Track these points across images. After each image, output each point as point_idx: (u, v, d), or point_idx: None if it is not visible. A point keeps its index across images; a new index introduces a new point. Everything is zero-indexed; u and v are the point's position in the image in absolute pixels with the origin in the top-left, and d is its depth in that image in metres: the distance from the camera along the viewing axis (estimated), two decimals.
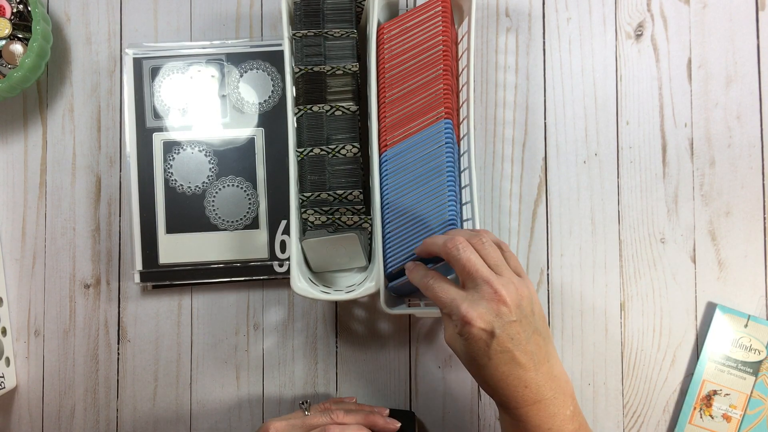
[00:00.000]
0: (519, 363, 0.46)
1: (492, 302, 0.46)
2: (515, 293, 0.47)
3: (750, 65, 0.67)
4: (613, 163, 0.67)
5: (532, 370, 0.47)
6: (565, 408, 0.48)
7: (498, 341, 0.46)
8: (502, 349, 0.46)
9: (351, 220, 0.61)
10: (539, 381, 0.47)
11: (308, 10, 0.61)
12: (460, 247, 0.48)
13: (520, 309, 0.47)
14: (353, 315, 0.67)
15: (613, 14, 0.67)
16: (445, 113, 0.57)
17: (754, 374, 0.63)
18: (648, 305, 0.66)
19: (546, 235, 0.66)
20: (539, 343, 0.48)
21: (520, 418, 0.48)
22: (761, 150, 0.66)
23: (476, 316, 0.46)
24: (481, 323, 0.46)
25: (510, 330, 0.46)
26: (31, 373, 0.67)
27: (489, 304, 0.46)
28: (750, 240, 0.66)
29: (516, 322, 0.46)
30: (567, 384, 0.49)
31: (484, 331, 0.46)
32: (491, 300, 0.46)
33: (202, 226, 0.65)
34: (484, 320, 0.46)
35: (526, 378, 0.47)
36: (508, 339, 0.46)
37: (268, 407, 0.66)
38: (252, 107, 0.66)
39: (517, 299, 0.47)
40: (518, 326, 0.46)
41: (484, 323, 0.46)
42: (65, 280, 0.67)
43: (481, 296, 0.46)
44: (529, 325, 0.47)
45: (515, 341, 0.46)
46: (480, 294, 0.47)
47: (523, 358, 0.46)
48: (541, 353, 0.48)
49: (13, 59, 0.63)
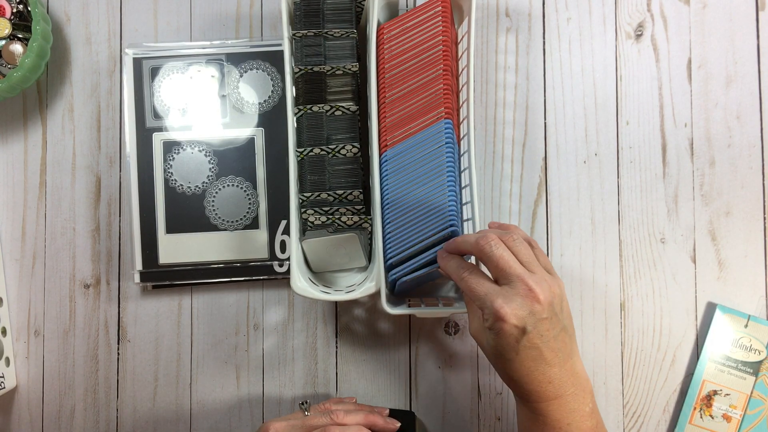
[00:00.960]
0: (545, 359, 0.47)
1: (526, 299, 0.46)
2: (548, 291, 0.47)
3: (750, 65, 0.67)
4: (613, 163, 0.67)
5: (557, 366, 0.48)
6: (585, 405, 0.49)
7: (528, 338, 0.46)
8: (530, 345, 0.47)
9: (351, 220, 0.61)
10: (562, 377, 0.48)
11: (308, 10, 0.61)
12: (492, 244, 0.49)
13: (552, 307, 0.47)
14: (353, 315, 0.67)
15: (613, 14, 0.67)
16: (445, 113, 0.57)
17: (754, 374, 0.63)
18: (648, 305, 0.66)
19: (546, 235, 0.66)
20: (565, 340, 0.48)
21: (540, 412, 0.48)
22: (761, 150, 0.66)
23: (510, 312, 0.46)
24: (515, 320, 0.46)
25: (540, 327, 0.47)
26: (31, 373, 0.67)
27: (523, 301, 0.46)
28: (750, 240, 0.66)
29: (547, 319, 0.47)
30: (587, 381, 0.50)
31: (516, 327, 0.46)
32: (525, 297, 0.46)
33: (202, 226, 0.65)
34: (517, 317, 0.46)
35: (551, 374, 0.47)
36: (538, 336, 0.47)
37: (268, 407, 0.66)
38: (252, 107, 0.66)
39: (550, 297, 0.47)
40: (548, 324, 0.47)
41: (517, 320, 0.46)
42: (65, 280, 0.67)
43: (515, 292, 0.47)
44: (558, 322, 0.48)
45: (544, 338, 0.47)
46: (514, 290, 0.47)
47: (550, 354, 0.47)
48: (566, 350, 0.48)
49: (13, 59, 0.63)
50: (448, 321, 0.66)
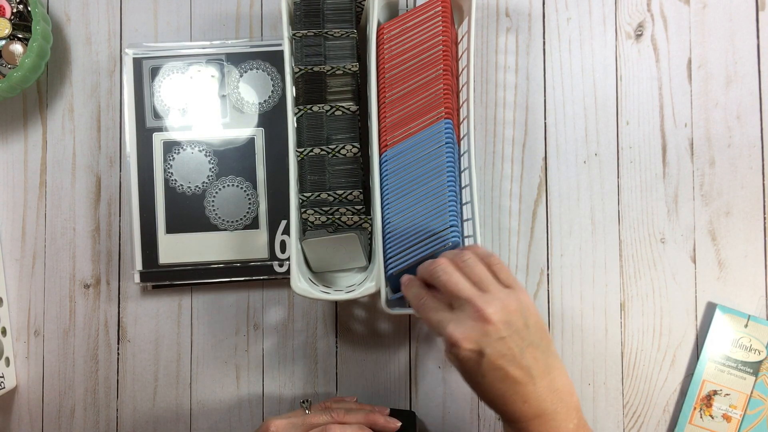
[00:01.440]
0: (514, 379, 0.45)
1: (477, 321, 0.45)
2: (501, 309, 0.46)
3: (750, 65, 0.67)
4: (613, 163, 0.67)
5: (531, 384, 0.46)
6: (568, 421, 0.47)
7: (488, 360, 0.45)
8: (493, 366, 0.45)
9: (351, 220, 0.61)
10: (539, 395, 0.46)
11: (308, 10, 0.61)
12: (440, 270, 0.48)
13: (509, 324, 0.46)
14: (353, 315, 0.67)
15: (613, 14, 0.67)
16: (445, 113, 0.57)
17: (754, 374, 0.63)
18: (648, 305, 0.66)
19: (546, 235, 0.66)
20: (536, 356, 0.46)
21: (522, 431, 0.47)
22: (761, 150, 0.66)
23: (462, 337, 0.45)
24: (468, 344, 0.45)
25: (499, 347, 0.45)
26: (31, 373, 0.67)
27: (474, 324, 0.45)
28: (750, 240, 0.66)
29: (506, 338, 0.45)
30: (571, 396, 0.48)
31: (471, 351, 0.45)
32: (476, 319, 0.45)
33: (202, 226, 0.65)
34: (470, 340, 0.45)
35: (525, 393, 0.46)
36: (499, 356, 0.45)
37: (268, 407, 0.66)
38: (252, 107, 0.66)
39: (504, 315, 0.46)
40: (509, 342, 0.45)
41: (470, 343, 0.45)
42: (65, 280, 0.67)
43: (466, 316, 0.46)
44: (521, 339, 0.46)
45: (507, 358, 0.45)
46: (465, 314, 0.46)
47: (518, 373, 0.45)
48: (540, 366, 0.46)
49: (13, 59, 0.63)
50: None
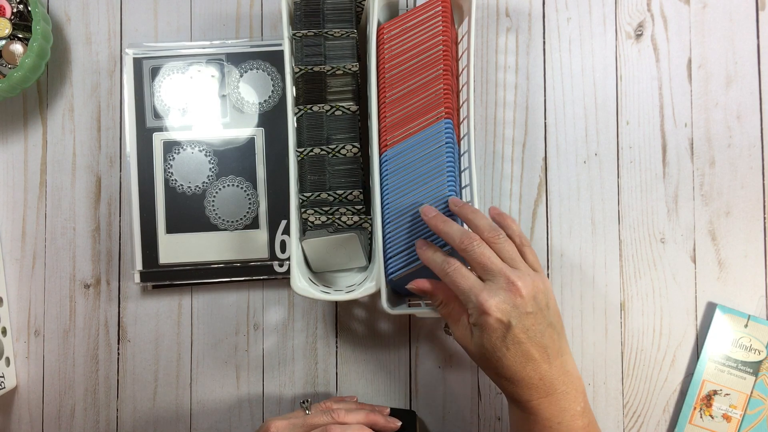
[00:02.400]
0: (533, 356, 0.47)
1: (509, 293, 0.47)
2: (531, 285, 0.48)
3: (750, 65, 0.67)
4: (613, 163, 0.67)
5: (546, 363, 0.48)
6: (576, 404, 0.49)
7: (513, 332, 0.47)
8: (517, 340, 0.47)
9: (351, 220, 0.61)
10: (552, 374, 0.48)
11: (308, 10, 0.61)
12: (475, 244, 0.49)
13: (536, 301, 0.48)
14: (353, 315, 0.67)
15: (613, 14, 0.67)
16: (446, 113, 0.57)
17: (754, 374, 0.63)
18: (648, 305, 0.66)
19: (546, 235, 0.66)
20: (553, 337, 0.49)
21: (531, 410, 0.48)
22: (761, 150, 0.66)
23: (494, 305, 0.47)
24: (498, 313, 0.47)
25: (525, 321, 0.47)
26: (31, 373, 0.67)
27: (506, 295, 0.47)
28: (750, 240, 0.66)
29: (531, 314, 0.47)
30: (579, 380, 0.50)
31: (500, 321, 0.47)
32: (508, 290, 0.47)
33: (202, 226, 0.65)
34: (501, 310, 0.47)
35: (541, 371, 0.48)
36: (523, 330, 0.47)
37: (268, 407, 0.66)
38: (252, 107, 0.66)
39: (533, 291, 0.48)
40: (533, 318, 0.47)
41: (501, 313, 0.47)
42: (65, 280, 0.67)
43: (498, 286, 0.47)
44: (543, 318, 0.48)
45: (530, 333, 0.47)
46: (497, 284, 0.48)
47: (538, 351, 0.47)
48: (555, 347, 0.49)
49: (13, 59, 0.63)
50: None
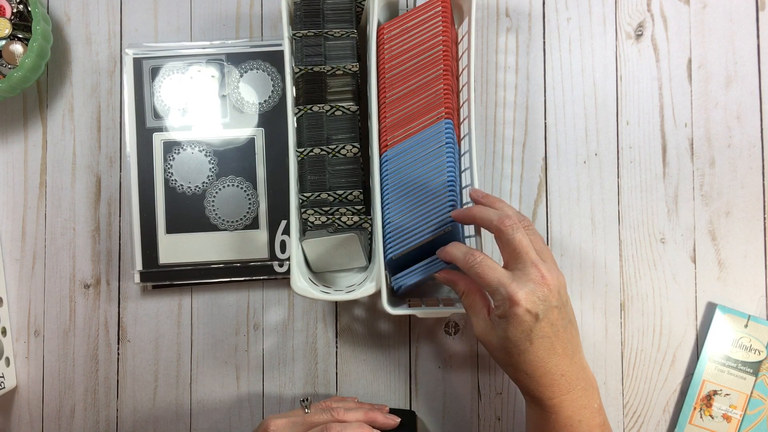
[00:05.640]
0: (556, 351, 0.47)
1: (539, 285, 0.47)
2: (557, 280, 0.48)
3: (750, 65, 0.67)
4: (613, 163, 0.67)
5: (567, 359, 0.48)
6: (593, 401, 0.49)
7: (540, 326, 0.47)
8: (543, 334, 0.47)
9: (351, 220, 0.61)
10: (573, 371, 0.48)
11: (308, 10, 0.61)
12: (515, 227, 0.49)
13: (560, 297, 0.48)
14: (353, 315, 0.67)
15: (613, 14, 0.67)
16: (446, 113, 0.57)
17: (754, 374, 0.63)
18: (648, 305, 0.66)
19: (546, 235, 0.66)
20: (572, 332, 0.49)
21: (551, 409, 0.48)
22: (761, 150, 0.66)
23: (524, 297, 0.46)
24: (529, 304, 0.46)
25: (551, 315, 0.47)
26: (31, 373, 0.67)
27: (536, 287, 0.47)
28: (750, 240, 0.66)
29: (557, 308, 0.47)
30: (593, 378, 0.50)
31: (529, 313, 0.46)
32: (538, 283, 0.47)
33: (202, 226, 0.65)
34: (531, 302, 0.46)
35: (563, 366, 0.48)
36: (549, 324, 0.47)
37: (268, 407, 0.66)
38: (252, 107, 0.66)
39: (558, 286, 0.48)
40: (558, 313, 0.47)
41: (531, 305, 0.46)
42: (65, 280, 0.67)
43: (528, 278, 0.47)
44: (566, 314, 0.48)
45: (555, 328, 0.47)
46: (527, 276, 0.47)
47: (560, 346, 0.48)
48: (575, 343, 0.49)
49: (13, 59, 0.63)
50: (449, 321, 0.66)
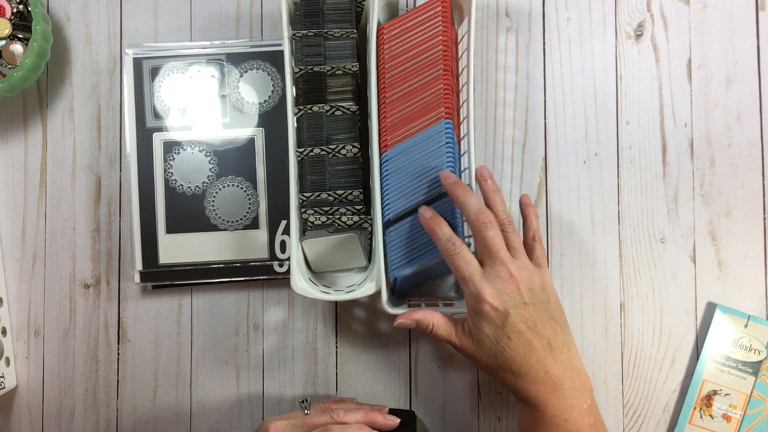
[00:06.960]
0: (535, 347, 0.48)
1: (507, 283, 0.48)
2: (528, 278, 0.49)
3: (750, 65, 0.67)
4: (613, 163, 0.67)
5: (550, 356, 0.48)
6: (583, 401, 0.49)
7: (511, 321, 0.47)
8: (516, 330, 0.48)
9: (351, 220, 0.61)
10: (559, 368, 0.48)
11: (308, 10, 0.61)
12: (488, 225, 0.50)
13: (532, 293, 0.48)
14: (353, 315, 0.67)
15: (613, 14, 0.67)
16: (446, 113, 0.57)
17: (754, 374, 0.63)
18: (648, 305, 0.66)
19: (546, 235, 0.66)
20: (556, 329, 0.49)
21: (538, 407, 0.49)
22: (761, 150, 0.66)
23: (490, 293, 0.48)
24: (495, 301, 0.47)
25: (523, 312, 0.48)
26: (31, 373, 0.67)
27: (503, 284, 0.48)
28: (750, 240, 0.66)
29: (529, 305, 0.48)
30: (586, 377, 0.50)
31: (495, 309, 0.47)
32: (506, 281, 0.48)
33: (202, 226, 0.65)
34: (498, 299, 0.47)
35: (546, 364, 0.48)
36: (522, 320, 0.48)
37: (268, 407, 0.66)
38: (252, 107, 0.66)
39: (529, 284, 0.48)
40: (531, 309, 0.48)
41: (497, 302, 0.47)
42: (65, 280, 0.67)
43: (496, 275, 0.48)
44: (543, 310, 0.49)
45: (529, 323, 0.48)
46: (495, 273, 0.48)
47: (538, 341, 0.48)
48: (559, 340, 0.49)
49: (13, 59, 0.63)
50: None
